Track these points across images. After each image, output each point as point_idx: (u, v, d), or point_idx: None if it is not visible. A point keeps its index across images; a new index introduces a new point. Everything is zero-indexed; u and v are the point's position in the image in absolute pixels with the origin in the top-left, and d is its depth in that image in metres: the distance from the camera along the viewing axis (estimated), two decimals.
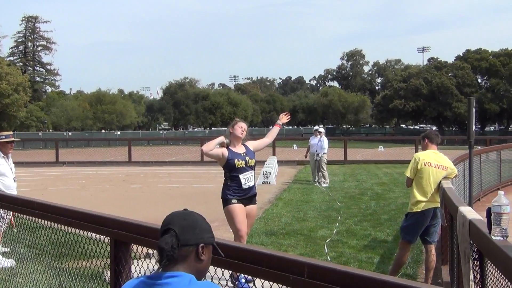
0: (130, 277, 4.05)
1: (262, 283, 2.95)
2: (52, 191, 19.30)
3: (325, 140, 20.79)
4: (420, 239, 7.66)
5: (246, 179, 7.58)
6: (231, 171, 7.54)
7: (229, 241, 3.27)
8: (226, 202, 7.58)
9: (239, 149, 7.65)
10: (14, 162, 9.49)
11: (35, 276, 5.66)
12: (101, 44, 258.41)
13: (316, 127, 22.86)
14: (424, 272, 7.82)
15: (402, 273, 8.08)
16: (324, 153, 20.50)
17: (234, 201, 7.51)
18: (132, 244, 4.04)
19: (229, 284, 7.01)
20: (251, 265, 2.96)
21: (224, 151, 7.55)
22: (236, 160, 7.52)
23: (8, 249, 8.26)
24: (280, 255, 2.87)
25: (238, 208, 7.51)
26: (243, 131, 7.70)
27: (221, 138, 7.62)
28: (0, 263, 7.59)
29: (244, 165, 7.57)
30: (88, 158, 35.97)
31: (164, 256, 2.27)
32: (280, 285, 2.83)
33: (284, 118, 8.33)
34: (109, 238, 4.18)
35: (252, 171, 7.70)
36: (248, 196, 7.65)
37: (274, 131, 8.30)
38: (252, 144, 7.92)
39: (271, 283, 2.84)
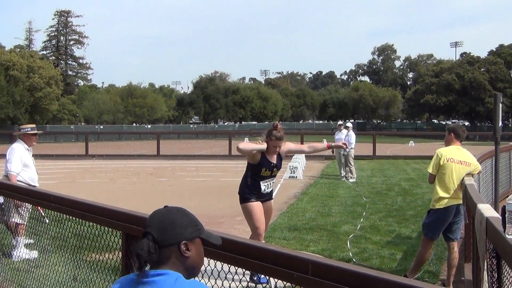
0: None
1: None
2: (80, 183, 19.47)
3: (352, 135, 20.68)
4: (442, 236, 7.54)
5: (266, 186, 7.60)
6: (255, 174, 7.53)
7: (235, 236, 3.23)
8: (244, 199, 7.60)
9: (272, 157, 7.58)
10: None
11: (57, 267, 5.69)
12: (133, 39, 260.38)
13: (340, 122, 22.79)
14: (447, 269, 7.70)
15: (424, 270, 7.97)
16: (351, 148, 20.38)
17: (252, 199, 7.53)
18: None
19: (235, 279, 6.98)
20: (257, 262, 2.92)
21: (258, 155, 7.48)
22: (263, 169, 7.50)
23: (32, 241, 8.34)
24: (284, 252, 2.83)
25: (256, 206, 7.53)
26: (277, 149, 7.57)
27: (262, 148, 7.47)
28: (23, 254, 7.67)
29: (269, 175, 7.58)
30: (117, 151, 36.28)
31: (142, 263, 2.22)
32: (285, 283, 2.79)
33: (339, 144, 8.00)
34: (120, 232, 4.19)
35: (274, 178, 7.72)
36: (265, 198, 7.68)
37: (318, 146, 8.01)
38: (287, 147, 7.73)
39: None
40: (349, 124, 21.39)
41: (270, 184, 7.66)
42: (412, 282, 2.32)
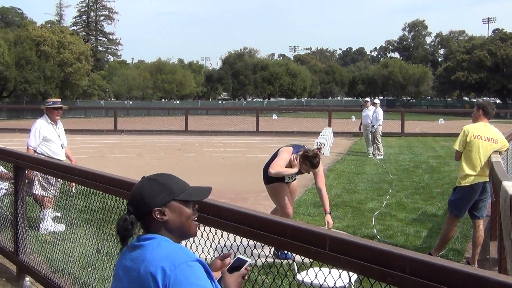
0: None
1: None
2: (108, 158, 19.66)
3: (380, 111, 20.53)
4: (468, 214, 7.47)
5: (289, 178, 7.75)
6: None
7: (253, 210, 3.23)
8: (269, 181, 7.69)
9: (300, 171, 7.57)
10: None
11: (83, 240, 5.77)
12: (162, 15, 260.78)
13: (367, 99, 22.68)
14: (472, 247, 7.64)
15: (449, 248, 7.93)
16: (379, 125, 20.25)
17: (276, 181, 7.63)
18: None
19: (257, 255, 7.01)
20: (275, 236, 2.92)
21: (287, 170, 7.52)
22: (287, 177, 7.63)
23: (60, 214, 8.46)
24: (303, 227, 2.83)
25: (284, 186, 7.67)
26: (305, 172, 7.58)
27: (294, 172, 7.49)
28: (50, 227, 7.78)
29: (289, 179, 7.74)
30: (146, 127, 36.50)
31: (121, 237, 2.41)
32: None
33: (328, 221, 7.46)
34: None
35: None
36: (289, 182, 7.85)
37: (324, 199, 7.63)
38: (319, 174, 7.63)
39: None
40: (376, 101, 21.25)
41: (294, 176, 7.76)
42: (427, 258, 2.30)
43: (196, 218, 2.50)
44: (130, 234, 2.39)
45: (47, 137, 9.16)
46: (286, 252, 6.96)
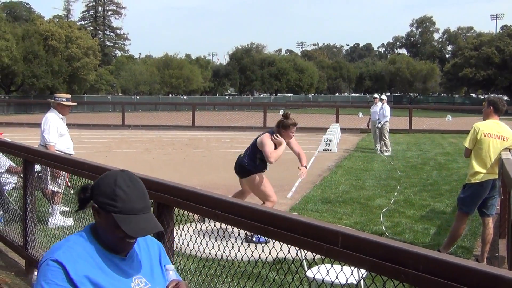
0: (172, 240, 4.08)
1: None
2: (116, 153, 19.67)
3: (387, 108, 20.42)
4: (477, 211, 7.43)
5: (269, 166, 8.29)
6: (263, 161, 8.08)
7: (265, 207, 3.22)
8: (248, 172, 8.11)
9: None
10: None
11: None
12: (170, 9, 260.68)
13: (376, 95, 22.57)
14: (481, 245, 7.60)
15: (458, 245, 7.89)
16: (386, 121, 20.16)
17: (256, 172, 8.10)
18: (175, 208, 4.04)
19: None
20: (286, 233, 2.91)
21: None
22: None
23: (68, 209, 8.48)
24: (314, 223, 2.80)
25: (262, 176, 8.12)
26: (293, 135, 8.18)
27: (284, 145, 8.04)
28: (58, 221, 7.79)
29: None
30: (153, 122, 36.56)
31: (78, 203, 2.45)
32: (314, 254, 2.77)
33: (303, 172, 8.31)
34: (152, 200, 4.21)
35: None
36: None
37: (303, 158, 8.34)
38: (292, 142, 8.32)
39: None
40: (383, 97, 21.14)
41: None
42: (443, 256, 2.28)
43: (131, 241, 2.34)
44: (80, 204, 2.41)
45: (61, 132, 9.13)
46: (259, 236, 7.02)
